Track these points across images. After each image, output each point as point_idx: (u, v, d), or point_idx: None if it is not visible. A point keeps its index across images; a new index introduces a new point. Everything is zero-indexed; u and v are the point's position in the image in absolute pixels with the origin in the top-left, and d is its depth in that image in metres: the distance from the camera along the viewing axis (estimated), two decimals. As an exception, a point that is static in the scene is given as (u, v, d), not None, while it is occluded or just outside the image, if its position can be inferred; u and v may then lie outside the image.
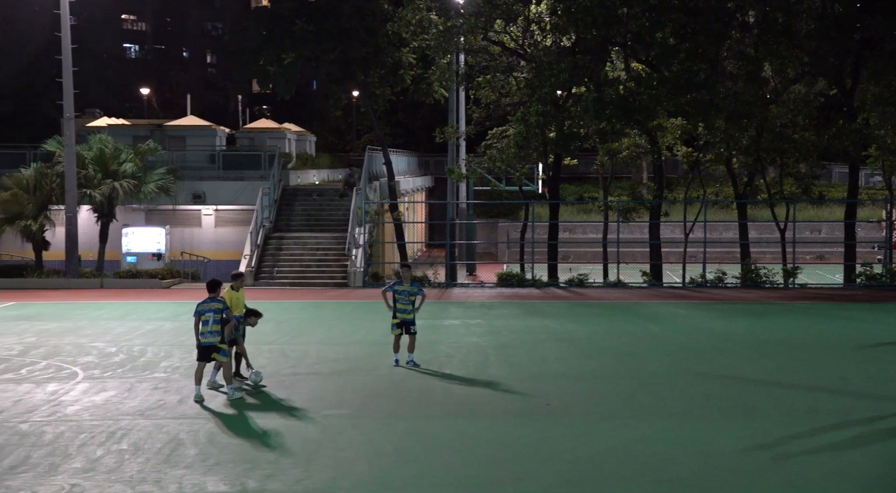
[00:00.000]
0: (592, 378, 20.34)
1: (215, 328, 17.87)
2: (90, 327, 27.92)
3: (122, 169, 43.96)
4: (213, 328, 17.85)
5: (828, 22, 40.49)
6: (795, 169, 42.61)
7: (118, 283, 40.66)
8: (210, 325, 17.85)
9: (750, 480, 13.16)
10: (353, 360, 22.30)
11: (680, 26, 39.66)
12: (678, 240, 46.49)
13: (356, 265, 40.99)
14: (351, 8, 45.94)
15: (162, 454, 14.40)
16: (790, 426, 16.00)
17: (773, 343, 25.07)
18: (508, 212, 62.92)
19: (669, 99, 39.08)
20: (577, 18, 38.89)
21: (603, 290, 39.71)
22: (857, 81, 42.06)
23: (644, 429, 15.84)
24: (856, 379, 20.23)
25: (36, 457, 14.27)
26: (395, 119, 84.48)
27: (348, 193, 46.21)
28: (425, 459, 14.21)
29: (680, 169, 59.23)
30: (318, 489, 12.83)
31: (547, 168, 46.43)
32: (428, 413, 17.12)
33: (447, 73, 44.67)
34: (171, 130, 54.24)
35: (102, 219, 44.06)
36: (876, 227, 59.62)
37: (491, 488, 12.89)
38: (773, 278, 40.27)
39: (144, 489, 12.77)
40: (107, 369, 21.29)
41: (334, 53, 46.51)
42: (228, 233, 50.15)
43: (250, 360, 19.79)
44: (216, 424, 16.21)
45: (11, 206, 42.62)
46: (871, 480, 13.29)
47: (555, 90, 40.75)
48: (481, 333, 27.01)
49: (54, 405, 17.68)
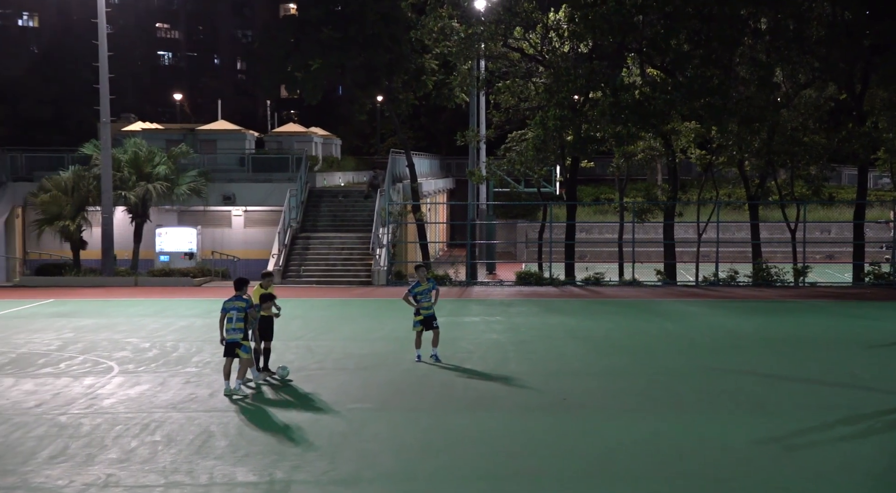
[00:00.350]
0: (609, 374, 20.27)
1: (238, 325, 17.90)
2: (125, 324, 28.02)
3: (155, 172, 44.13)
4: (236, 325, 17.88)
5: (838, 28, 40.26)
6: (806, 171, 42.38)
7: (152, 281, 40.81)
8: (234, 322, 17.87)
9: (763, 473, 13.08)
10: (378, 356, 22.29)
11: (694, 33, 39.50)
12: (692, 240, 46.29)
13: (380, 264, 41.01)
14: (375, 16, 45.98)
15: (193, 445, 14.43)
16: (801, 420, 15.91)
17: (784, 340, 24.94)
18: (527, 213, 62.81)
19: (684, 103, 38.93)
20: (593, 26, 38.77)
21: (619, 288, 39.59)
22: (866, 86, 41.82)
23: (659, 424, 15.77)
24: (864, 374, 20.10)
25: (74, 448, 14.32)
26: (417, 123, 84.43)
27: (372, 194, 46.22)
28: (447, 452, 14.18)
29: (694, 171, 58.99)
30: (344, 480, 12.82)
31: (564, 170, 46.33)
32: (450, 407, 17.09)
33: (468, 79, 44.64)
34: (203, 134, 54.42)
35: (137, 219, 44.24)
36: (884, 227, 59.29)
37: (511, 480, 12.85)
38: (783, 276, 40.09)
39: (177, 479, 12.79)
40: (141, 363, 21.36)
41: (359, 60, 46.58)
42: (257, 233, 50.25)
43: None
44: (245, 417, 16.23)
45: (51, 207, 42.88)
46: (880, 472, 13.20)
47: (572, 95, 40.66)
48: (501, 330, 26.96)
49: (91, 398, 17.75)
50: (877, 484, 12.73)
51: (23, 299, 34.76)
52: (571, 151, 41.90)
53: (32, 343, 24.37)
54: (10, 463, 13.52)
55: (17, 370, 20.58)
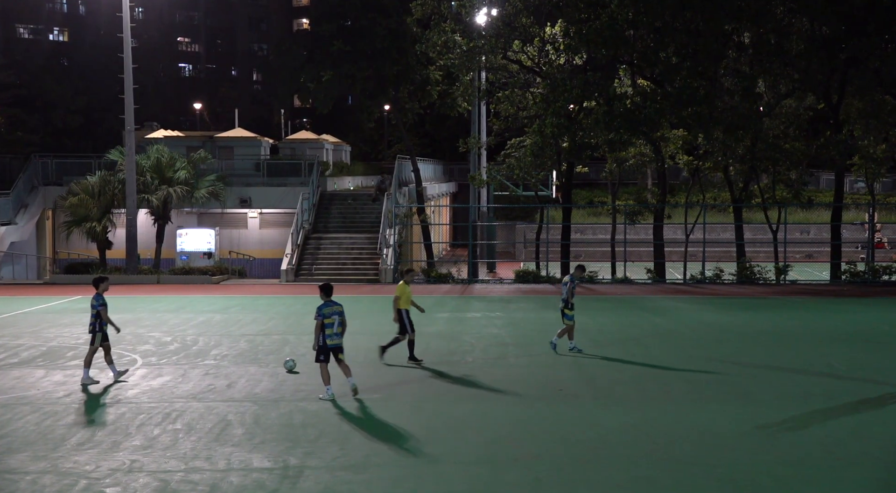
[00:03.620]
0: (602, 366, 20.22)
1: (339, 330, 16.91)
2: (148, 319, 28.01)
3: (176, 176, 44.13)
4: (337, 330, 16.86)
5: (816, 43, 40.21)
6: (787, 176, 42.40)
7: (173, 279, 40.79)
8: (335, 327, 16.81)
9: (749, 458, 13.03)
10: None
11: (682, 47, 39.44)
12: (680, 240, 46.23)
13: (387, 263, 40.97)
14: (384, 30, 46.00)
15: (212, 433, 14.40)
16: (783, 409, 15.86)
17: (767, 334, 24.89)
18: (525, 215, 62.75)
19: (672, 112, 38.87)
20: (588, 39, 38.72)
21: (611, 286, 39.54)
22: (842, 96, 41.78)
23: (650, 412, 15.72)
24: (841, 365, 20.06)
25: (100, 435, 14.29)
26: (422, 130, 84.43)
27: (380, 197, 46.20)
28: (451, 438, 14.14)
29: (681, 176, 58.94)
30: (353, 465, 12.77)
31: (560, 175, 46.26)
32: (453, 397, 17.05)
33: (470, 89, 44.65)
34: (221, 141, 54.42)
35: (159, 221, 44.24)
36: (859, 229, 59.21)
37: (511, 465, 12.80)
38: (766, 275, 40.03)
39: (196, 465, 12.76)
40: (163, 356, 21.34)
41: (368, 71, 46.60)
42: (272, 234, 50.27)
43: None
44: (261, 407, 16.19)
45: (79, 209, 42.90)
46: (857, 457, 13.14)
47: (568, 104, 40.61)
48: (501, 325, 26.92)
49: (116, 389, 17.72)
50: (855, 468, 12.68)
51: (53, 296, 34.75)
52: (567, 156, 41.85)
53: (62, 337, 24.36)
54: (41, 449, 13.50)
55: (48, 362, 20.56)
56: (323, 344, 16.76)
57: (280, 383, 18.12)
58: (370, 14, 46.64)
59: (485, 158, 48.58)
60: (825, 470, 12.62)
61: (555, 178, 52.75)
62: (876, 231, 43.50)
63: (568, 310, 21.39)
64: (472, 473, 12.47)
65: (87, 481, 12.09)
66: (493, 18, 41.70)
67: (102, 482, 12.03)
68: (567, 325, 21.55)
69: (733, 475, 12.34)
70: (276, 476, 12.29)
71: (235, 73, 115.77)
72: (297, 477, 12.25)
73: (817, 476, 12.38)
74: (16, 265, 47.13)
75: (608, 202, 53.79)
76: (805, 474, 12.46)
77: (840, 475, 12.41)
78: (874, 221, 44.34)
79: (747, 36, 41.38)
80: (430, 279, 40.88)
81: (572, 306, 21.41)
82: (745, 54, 41.24)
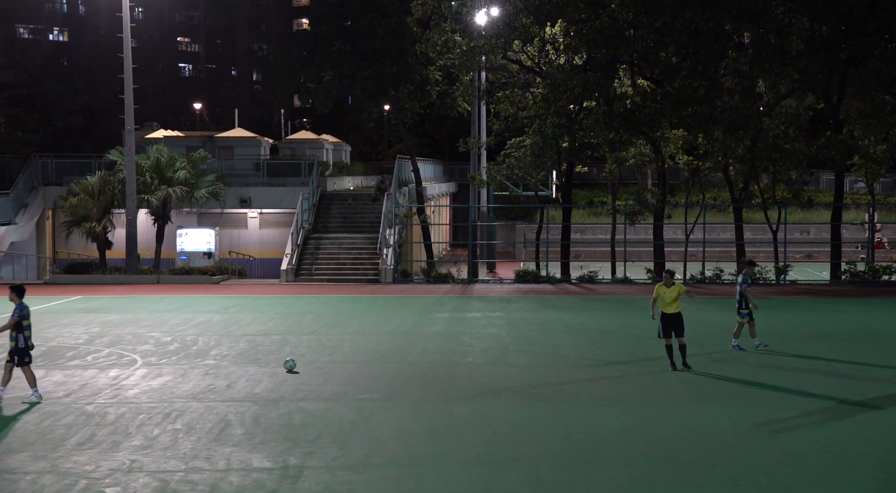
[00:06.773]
0: (602, 365, 20.23)
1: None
2: (148, 319, 28.01)
3: (176, 176, 44.09)
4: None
5: (816, 43, 40.19)
6: (787, 176, 42.34)
7: (173, 279, 40.79)
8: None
9: (748, 458, 13.03)
10: (385, 349, 22.26)
11: (682, 46, 39.42)
12: (680, 240, 46.21)
13: (387, 263, 40.95)
14: (383, 30, 45.93)
15: (212, 433, 14.40)
16: (783, 408, 15.87)
17: (766, 333, 24.84)
18: (525, 215, 62.73)
19: (672, 112, 38.83)
20: (588, 39, 38.70)
21: (611, 285, 39.53)
22: (842, 96, 41.75)
23: (650, 412, 15.72)
24: (841, 365, 20.09)
25: (100, 435, 14.30)
26: (422, 130, 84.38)
27: (380, 197, 46.17)
28: (451, 438, 14.14)
29: (681, 176, 58.81)
30: (353, 465, 12.78)
31: (560, 175, 46.24)
32: (453, 397, 17.05)
33: (470, 89, 44.59)
34: (221, 141, 54.37)
35: (159, 221, 44.22)
36: (859, 228, 59.16)
37: (511, 464, 12.80)
38: (766, 275, 40.00)
39: (196, 465, 12.76)
40: (163, 356, 21.34)
41: (368, 71, 46.55)
42: (272, 234, 50.23)
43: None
44: (261, 407, 16.19)
45: (79, 209, 42.87)
46: (857, 457, 13.15)
47: (568, 104, 40.59)
48: (501, 324, 26.91)
49: (116, 389, 17.73)
50: (855, 468, 12.68)
51: (53, 296, 34.74)
52: (567, 156, 41.82)
53: (62, 337, 24.36)
54: (41, 449, 13.51)
55: (48, 362, 20.56)
56: (26, 346, 16.63)
57: (280, 383, 18.12)
58: (370, 14, 46.57)
59: (485, 158, 48.55)
60: (825, 470, 12.63)
61: (555, 178, 52.72)
62: (876, 231, 43.47)
63: (743, 309, 22.11)
64: (472, 473, 12.47)
65: (87, 481, 12.10)
66: (493, 18, 41.67)
67: (102, 482, 12.04)
68: (739, 322, 22.26)
69: (733, 474, 12.35)
70: (275, 476, 12.29)
71: (235, 73, 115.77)
72: (297, 477, 12.25)
73: (817, 476, 12.39)
74: (16, 265, 47.10)
75: (608, 202, 53.74)
76: (805, 474, 12.46)
77: (840, 475, 12.41)
78: (874, 221, 44.31)
79: (747, 36, 41.36)
80: (430, 279, 40.87)
81: (746, 305, 22.04)
82: (745, 54, 41.23)
